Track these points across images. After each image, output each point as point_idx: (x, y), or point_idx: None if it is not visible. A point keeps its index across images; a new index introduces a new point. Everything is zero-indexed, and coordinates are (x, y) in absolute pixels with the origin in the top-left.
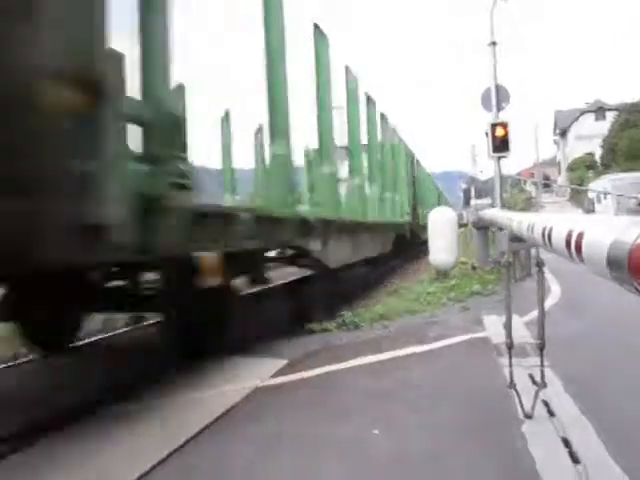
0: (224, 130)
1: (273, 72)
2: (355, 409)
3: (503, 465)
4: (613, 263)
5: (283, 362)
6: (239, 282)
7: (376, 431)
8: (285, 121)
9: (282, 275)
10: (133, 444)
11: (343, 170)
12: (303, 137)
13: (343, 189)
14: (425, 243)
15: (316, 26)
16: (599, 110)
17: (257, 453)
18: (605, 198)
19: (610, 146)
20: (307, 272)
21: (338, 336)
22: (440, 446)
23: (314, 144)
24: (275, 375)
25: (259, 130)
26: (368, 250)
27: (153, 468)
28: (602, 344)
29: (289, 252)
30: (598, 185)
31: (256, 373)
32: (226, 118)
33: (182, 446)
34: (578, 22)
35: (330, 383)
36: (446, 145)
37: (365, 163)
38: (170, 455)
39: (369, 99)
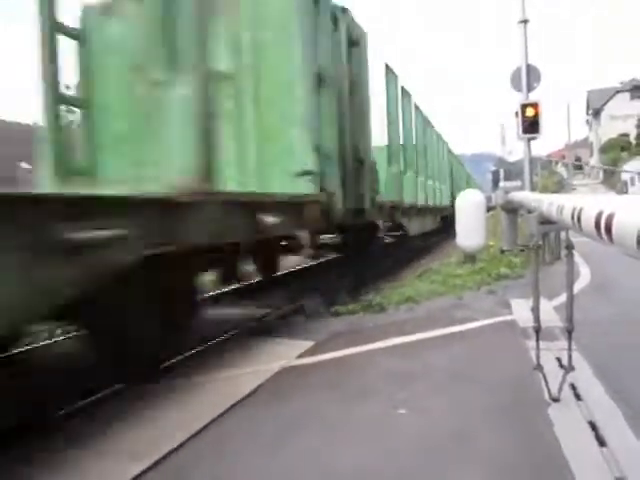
0: None
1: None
2: (381, 390)
3: (528, 447)
4: None
5: (309, 344)
6: None
7: (402, 410)
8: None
9: (305, 259)
10: (165, 420)
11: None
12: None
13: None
14: None
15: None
16: (634, 89)
17: (280, 430)
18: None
19: None
20: (333, 255)
21: (364, 318)
22: (465, 427)
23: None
24: (301, 356)
25: None
26: (429, 225)
27: (182, 444)
28: (632, 328)
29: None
30: (632, 166)
31: (283, 354)
32: None
33: (208, 424)
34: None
35: (356, 364)
36: (475, 126)
37: (419, 161)
38: (199, 432)
39: (417, 108)
